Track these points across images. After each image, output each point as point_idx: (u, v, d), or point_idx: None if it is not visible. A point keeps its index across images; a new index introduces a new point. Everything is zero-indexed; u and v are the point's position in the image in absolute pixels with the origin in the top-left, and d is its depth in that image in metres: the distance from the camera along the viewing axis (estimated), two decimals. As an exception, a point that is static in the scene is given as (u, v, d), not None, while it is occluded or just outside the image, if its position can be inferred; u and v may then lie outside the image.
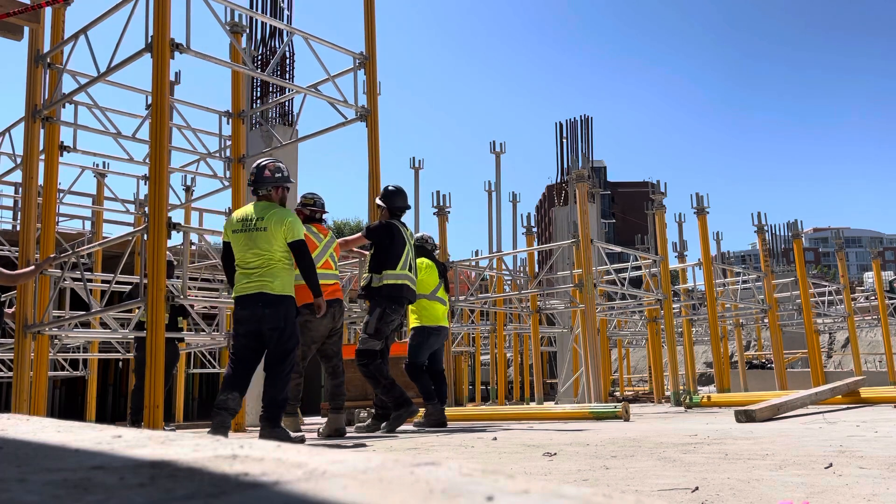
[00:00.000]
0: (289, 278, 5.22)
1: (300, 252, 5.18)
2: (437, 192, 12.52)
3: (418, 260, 6.99)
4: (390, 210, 6.65)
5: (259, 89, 14.10)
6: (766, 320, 15.87)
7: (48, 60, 7.41)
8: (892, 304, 22.14)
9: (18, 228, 9.00)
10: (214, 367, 14.37)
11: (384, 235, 6.45)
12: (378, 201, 6.76)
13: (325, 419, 6.60)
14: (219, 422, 5.09)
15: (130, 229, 11.62)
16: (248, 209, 5.29)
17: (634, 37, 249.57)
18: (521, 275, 15.59)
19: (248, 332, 5.15)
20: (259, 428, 5.26)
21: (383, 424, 6.39)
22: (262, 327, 5.11)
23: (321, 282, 6.03)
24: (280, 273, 5.18)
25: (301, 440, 5.36)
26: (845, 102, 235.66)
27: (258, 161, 5.54)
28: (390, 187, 6.80)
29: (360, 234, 6.81)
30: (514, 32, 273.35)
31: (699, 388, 16.97)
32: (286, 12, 14.54)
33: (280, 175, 5.39)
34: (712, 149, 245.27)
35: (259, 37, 14.24)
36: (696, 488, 2.23)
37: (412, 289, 6.54)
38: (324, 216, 6.62)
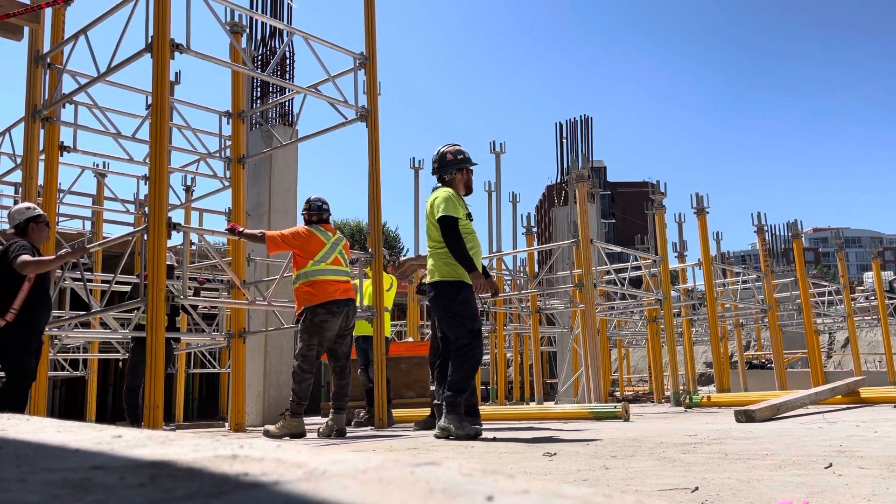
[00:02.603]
0: (439, 263, 5.12)
1: (442, 231, 5.05)
2: (438, 192, 12.48)
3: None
4: None
5: (259, 89, 14.07)
6: (765, 320, 15.86)
7: (48, 60, 7.41)
8: (891, 304, 22.15)
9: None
10: (214, 367, 14.36)
11: None
12: None
13: (325, 419, 6.60)
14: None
15: (130, 229, 11.62)
16: None
17: (635, 37, 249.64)
18: (521, 275, 15.59)
19: None
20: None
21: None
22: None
23: (332, 278, 6.01)
24: (434, 258, 5.16)
25: (477, 434, 4.90)
26: (845, 102, 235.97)
27: (439, 149, 5.44)
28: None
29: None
30: (513, 33, 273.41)
31: (699, 388, 16.98)
32: (287, 9, 14.52)
33: (462, 157, 5.36)
34: (712, 149, 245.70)
35: (259, 37, 14.21)
36: (696, 488, 2.23)
37: None
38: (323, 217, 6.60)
